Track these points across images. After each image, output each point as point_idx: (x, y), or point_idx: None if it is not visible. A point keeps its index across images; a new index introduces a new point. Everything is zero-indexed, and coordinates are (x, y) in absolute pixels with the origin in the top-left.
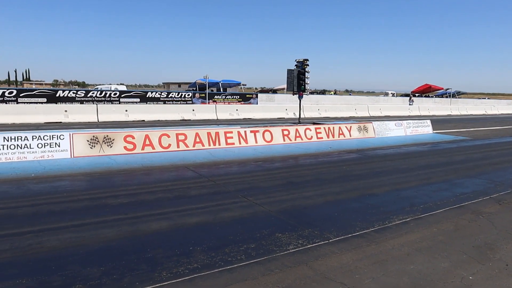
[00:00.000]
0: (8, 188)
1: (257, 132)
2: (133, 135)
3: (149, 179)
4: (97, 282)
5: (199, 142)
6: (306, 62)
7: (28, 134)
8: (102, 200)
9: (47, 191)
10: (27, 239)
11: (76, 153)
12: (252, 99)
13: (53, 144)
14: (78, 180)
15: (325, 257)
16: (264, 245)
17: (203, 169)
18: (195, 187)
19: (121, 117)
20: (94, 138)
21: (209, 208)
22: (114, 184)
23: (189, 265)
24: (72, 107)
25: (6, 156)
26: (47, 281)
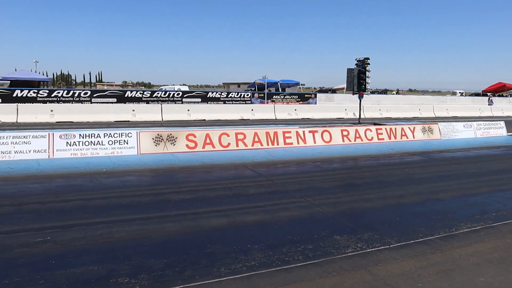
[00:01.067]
0: (83, 181)
1: (315, 132)
2: (194, 134)
3: (210, 177)
4: (160, 273)
5: (257, 141)
6: (367, 61)
7: (100, 132)
8: (166, 195)
9: (116, 185)
10: (99, 229)
11: (142, 150)
12: (311, 99)
13: (122, 142)
14: (144, 175)
15: (385, 263)
16: (322, 246)
17: (261, 168)
18: (254, 186)
19: (183, 116)
20: (159, 136)
21: (267, 207)
22: (177, 180)
23: (247, 263)
24: (139, 107)
25: (81, 151)
26: (115, 269)
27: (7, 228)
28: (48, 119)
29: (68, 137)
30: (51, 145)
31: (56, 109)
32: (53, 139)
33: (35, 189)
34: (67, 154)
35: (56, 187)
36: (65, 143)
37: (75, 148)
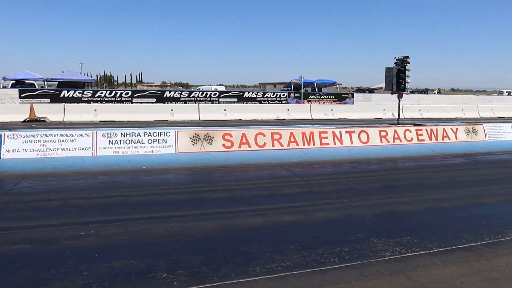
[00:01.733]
0: (124, 178)
1: (352, 132)
2: (231, 133)
3: (246, 176)
4: (197, 270)
5: (293, 141)
6: (407, 59)
7: (140, 131)
8: (203, 194)
9: (155, 183)
10: (139, 225)
11: (180, 149)
12: (348, 98)
13: (161, 140)
14: (182, 174)
15: (425, 268)
16: (359, 249)
17: (297, 169)
18: (289, 186)
19: (220, 116)
20: (196, 135)
21: (302, 208)
22: (213, 179)
23: (282, 263)
24: (177, 107)
25: (123, 149)
26: (154, 264)
27: (54, 222)
28: (92, 118)
29: (111, 135)
30: (95, 143)
31: (99, 109)
32: (97, 138)
33: (80, 185)
34: (109, 152)
35: (99, 183)
36: (108, 142)
37: (117, 146)
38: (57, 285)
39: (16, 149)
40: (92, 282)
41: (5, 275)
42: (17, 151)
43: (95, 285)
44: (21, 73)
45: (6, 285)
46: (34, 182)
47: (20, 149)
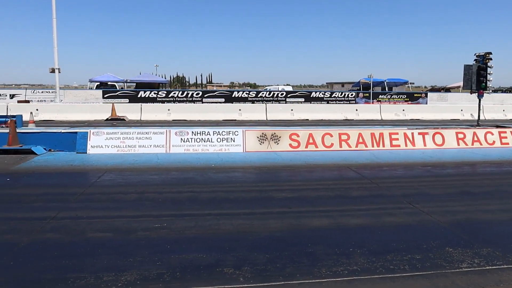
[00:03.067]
0: (194, 175)
1: (426, 134)
2: (297, 133)
3: (312, 177)
4: (262, 267)
5: (362, 142)
6: (488, 55)
7: (210, 130)
8: (269, 193)
9: (223, 180)
10: (208, 220)
11: (248, 148)
12: (421, 98)
13: (229, 139)
14: (249, 172)
15: (509, 284)
16: (432, 258)
17: (365, 170)
18: (357, 188)
19: (286, 115)
20: (263, 135)
21: (370, 211)
22: (280, 178)
23: (349, 266)
24: (244, 106)
25: (193, 148)
26: (221, 259)
27: (132, 213)
28: (166, 118)
29: (182, 134)
30: (168, 141)
31: (172, 108)
32: (170, 136)
33: (154, 180)
34: (181, 149)
35: (172, 179)
36: (180, 140)
37: (188, 144)
38: (134, 272)
39: (99, 145)
40: (165, 272)
41: (90, 259)
42: (100, 147)
43: (167, 274)
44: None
45: (91, 268)
46: (114, 176)
47: (103, 145)
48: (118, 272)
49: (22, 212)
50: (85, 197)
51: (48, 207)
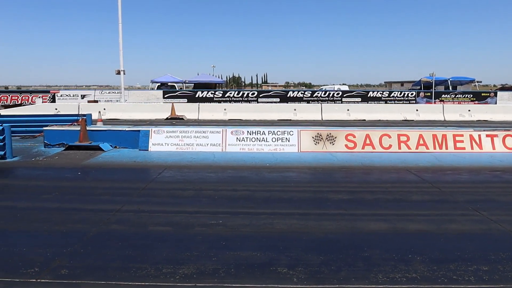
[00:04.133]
0: (249, 174)
1: (495, 136)
2: (354, 134)
3: (369, 179)
4: (316, 269)
5: (422, 144)
6: None
7: (265, 130)
8: (324, 194)
9: (278, 180)
10: (262, 219)
11: (303, 148)
12: (489, 98)
13: (284, 139)
14: (304, 173)
15: None
16: (501, 270)
17: (426, 174)
18: (417, 192)
19: (342, 116)
20: (318, 135)
21: (432, 217)
22: (335, 179)
23: (407, 274)
24: (299, 106)
25: (248, 147)
26: (275, 258)
27: (190, 209)
28: (222, 117)
29: (238, 133)
30: (224, 140)
31: (228, 108)
32: (226, 135)
33: (211, 177)
34: (237, 148)
35: (227, 177)
36: (235, 139)
37: (244, 144)
38: (191, 266)
39: (160, 143)
40: (220, 268)
41: (150, 251)
42: (161, 145)
43: (222, 270)
44: (165, 77)
45: (151, 260)
46: (173, 172)
47: (163, 143)
48: (176, 265)
49: (91, 203)
50: (146, 192)
51: (113, 200)
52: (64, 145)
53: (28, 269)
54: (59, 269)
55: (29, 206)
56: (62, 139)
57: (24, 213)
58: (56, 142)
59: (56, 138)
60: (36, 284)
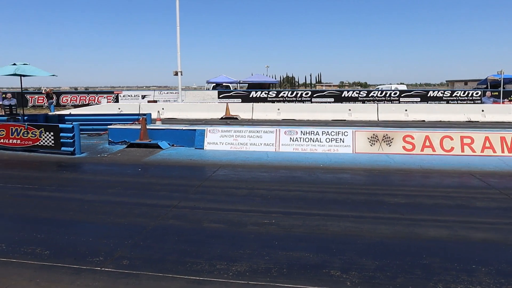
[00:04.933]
0: (302, 174)
1: None
2: (412, 135)
3: (428, 182)
4: (371, 274)
5: (489, 147)
6: None
7: (319, 130)
8: (380, 196)
9: (332, 181)
10: (315, 220)
11: (357, 149)
12: None
13: (338, 140)
14: (358, 174)
15: None
16: None
17: (492, 179)
18: (482, 198)
19: (400, 116)
20: (374, 136)
21: (499, 226)
22: (392, 182)
23: (470, 285)
24: (354, 106)
25: (302, 147)
26: (328, 261)
27: (243, 208)
28: (275, 117)
29: (292, 133)
30: (277, 139)
31: (282, 108)
32: (279, 135)
33: (264, 177)
34: (290, 148)
35: (281, 177)
36: (289, 139)
37: (297, 144)
38: (244, 264)
39: (215, 142)
40: (272, 267)
41: (205, 247)
42: (216, 144)
43: (274, 270)
44: (219, 77)
45: (206, 256)
46: (227, 171)
47: (218, 142)
48: (230, 262)
49: (150, 199)
50: (202, 190)
51: (171, 196)
52: (126, 143)
53: (93, 258)
54: (121, 260)
55: (95, 199)
56: (124, 137)
57: (90, 205)
58: (119, 140)
59: (119, 136)
60: (101, 273)
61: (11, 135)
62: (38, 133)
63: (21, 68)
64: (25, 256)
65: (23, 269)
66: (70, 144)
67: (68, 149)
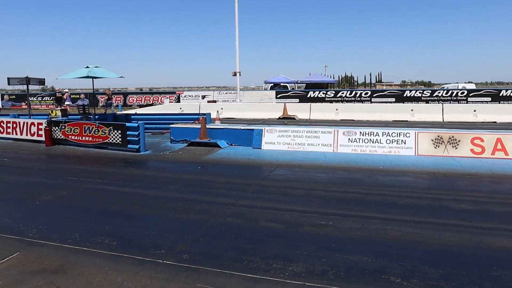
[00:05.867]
0: (361, 176)
1: None
2: (481, 137)
3: (499, 189)
4: (435, 283)
5: None
6: None
7: (379, 131)
8: (444, 202)
9: (392, 184)
10: (374, 224)
11: (420, 151)
12: None
13: (400, 141)
14: (421, 178)
15: None
16: None
17: None
18: None
19: (468, 117)
20: (439, 138)
21: None
22: (458, 187)
23: None
24: (417, 107)
25: (361, 148)
26: (388, 266)
27: (299, 208)
28: (333, 117)
29: (350, 134)
30: (336, 140)
31: (340, 108)
32: (337, 135)
33: (321, 177)
34: (348, 149)
35: (338, 178)
36: (347, 139)
37: (356, 145)
38: (300, 264)
39: (272, 142)
40: (329, 269)
41: (261, 246)
42: (273, 144)
43: (331, 272)
44: (277, 77)
45: (262, 254)
46: (285, 171)
47: (275, 142)
48: (286, 262)
49: (209, 196)
50: (259, 189)
51: (229, 195)
52: (186, 141)
53: (156, 250)
54: (181, 254)
55: (158, 195)
56: (185, 136)
57: (154, 201)
58: (180, 139)
59: (180, 135)
60: (163, 265)
61: (84, 132)
62: (107, 131)
63: (93, 70)
64: (95, 245)
65: (93, 257)
66: (135, 142)
67: (133, 147)
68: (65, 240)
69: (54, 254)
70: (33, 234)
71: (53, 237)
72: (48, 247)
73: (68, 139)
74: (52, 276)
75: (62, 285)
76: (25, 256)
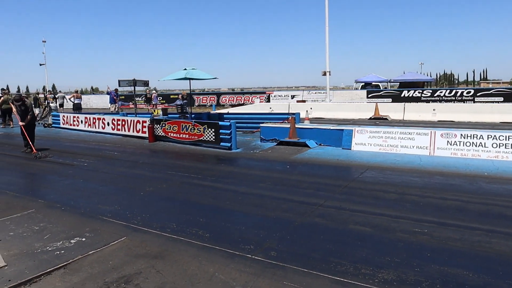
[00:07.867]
0: (461, 182)
1: None
2: None
3: None
4: None
5: None
6: None
7: (483, 133)
8: None
9: (499, 193)
10: (476, 235)
11: None
12: None
13: (509, 145)
14: None
15: None
16: None
17: None
18: None
19: None
20: None
21: None
22: None
23: None
24: None
25: (461, 152)
26: (492, 284)
27: (391, 213)
28: (430, 118)
29: (449, 136)
30: (432, 142)
31: (438, 108)
32: (435, 137)
33: (416, 182)
34: (447, 153)
35: (435, 183)
36: (446, 142)
37: (455, 148)
38: (391, 272)
39: (362, 143)
40: (423, 280)
41: (350, 249)
42: (363, 145)
43: (426, 283)
44: (369, 76)
45: (350, 258)
46: (375, 173)
47: (366, 143)
48: (376, 268)
49: (297, 195)
50: (348, 190)
51: (317, 195)
52: (276, 140)
53: (245, 245)
54: (269, 251)
55: (248, 192)
56: (274, 135)
57: (243, 197)
58: (270, 138)
59: (269, 134)
60: (251, 260)
61: (181, 130)
62: (202, 129)
63: (190, 72)
64: (190, 236)
65: (188, 247)
66: (227, 140)
67: (226, 144)
68: (164, 229)
69: (155, 241)
70: (137, 221)
71: (154, 225)
72: (150, 234)
73: (168, 136)
74: (153, 260)
75: (161, 270)
76: (131, 241)
